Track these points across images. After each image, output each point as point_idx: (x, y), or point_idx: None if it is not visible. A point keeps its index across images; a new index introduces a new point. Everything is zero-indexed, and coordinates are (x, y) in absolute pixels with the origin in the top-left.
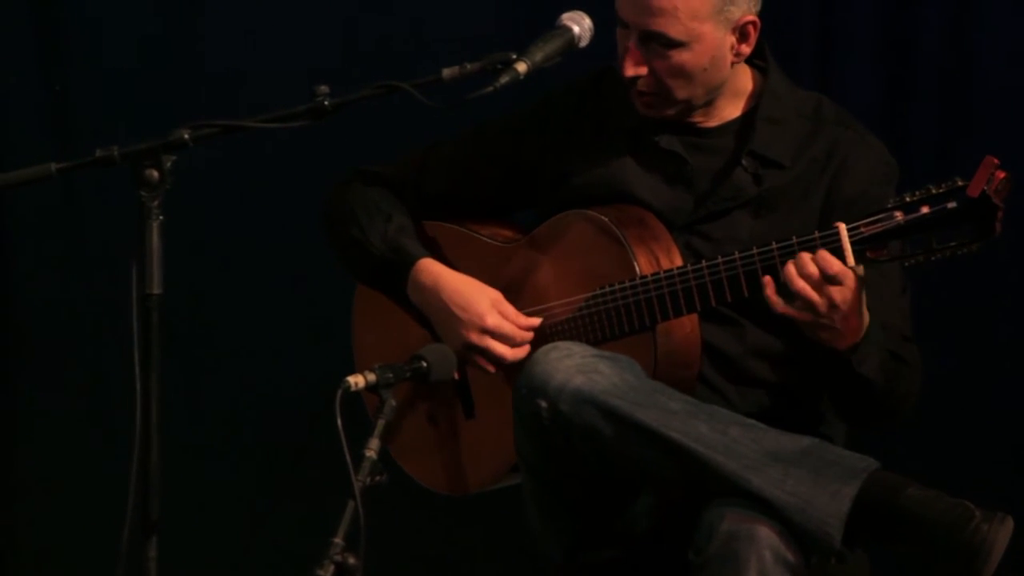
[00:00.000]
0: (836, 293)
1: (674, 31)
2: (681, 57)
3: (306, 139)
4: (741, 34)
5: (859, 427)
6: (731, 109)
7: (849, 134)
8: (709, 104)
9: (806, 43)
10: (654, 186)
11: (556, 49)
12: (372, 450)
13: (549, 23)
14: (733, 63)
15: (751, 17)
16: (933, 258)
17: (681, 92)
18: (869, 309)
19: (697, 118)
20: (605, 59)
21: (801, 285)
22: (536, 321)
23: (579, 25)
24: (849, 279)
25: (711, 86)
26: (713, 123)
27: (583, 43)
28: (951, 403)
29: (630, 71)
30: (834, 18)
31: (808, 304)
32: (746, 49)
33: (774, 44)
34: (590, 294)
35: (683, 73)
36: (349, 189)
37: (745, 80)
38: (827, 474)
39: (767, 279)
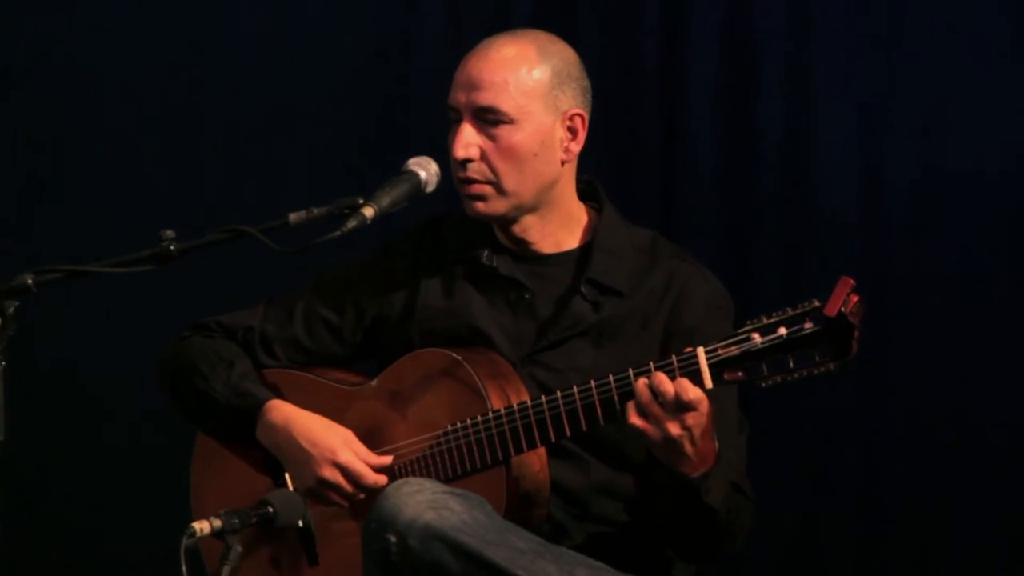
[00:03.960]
0: (690, 418)
1: (504, 105)
2: (511, 137)
3: (155, 282)
4: (570, 129)
5: (692, 561)
6: (568, 237)
7: (685, 266)
8: (539, 217)
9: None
10: (497, 315)
11: (403, 194)
12: None
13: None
14: (564, 161)
15: (579, 110)
16: (791, 379)
17: (511, 180)
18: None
19: (533, 238)
20: (454, 204)
21: (656, 410)
22: (387, 460)
23: (426, 170)
24: (704, 404)
25: (541, 182)
26: (550, 249)
27: (430, 188)
28: (799, 540)
29: (460, 152)
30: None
31: (662, 427)
32: (575, 147)
33: (620, 182)
34: (441, 431)
35: (513, 155)
36: (188, 343)
37: (581, 213)
38: None
39: (630, 404)
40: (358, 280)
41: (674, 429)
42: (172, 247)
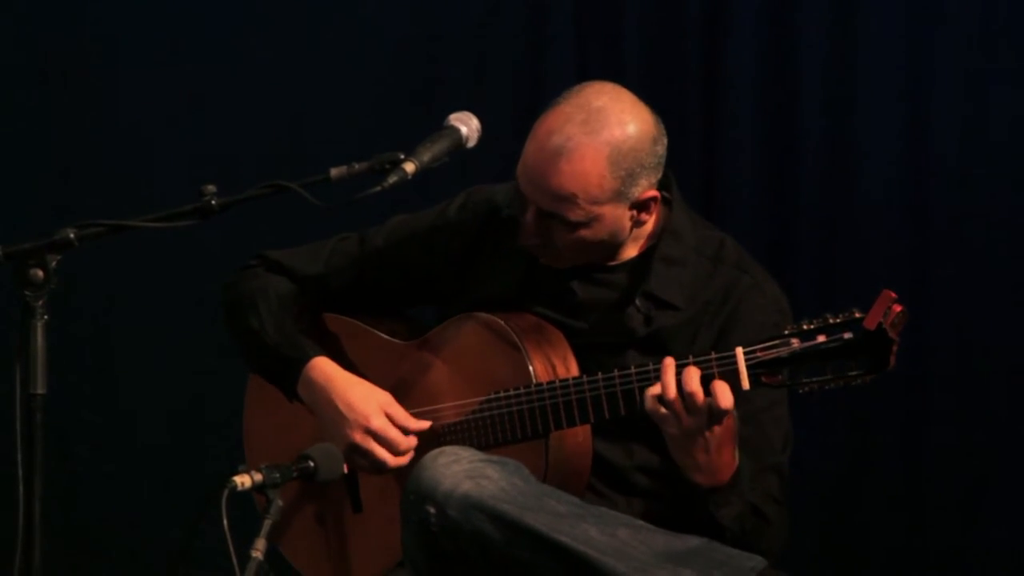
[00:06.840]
0: (710, 422)
1: (573, 215)
2: (580, 234)
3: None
4: (642, 206)
5: None
6: (629, 248)
7: (746, 280)
8: None
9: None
10: (549, 314)
11: (444, 149)
12: (258, 550)
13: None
14: (632, 229)
15: (652, 193)
16: (827, 387)
17: (576, 257)
18: (746, 461)
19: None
20: (492, 160)
21: (675, 402)
22: (424, 424)
23: (467, 126)
24: (725, 417)
25: (609, 251)
26: (611, 261)
27: (471, 144)
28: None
29: (526, 240)
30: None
31: (678, 420)
32: (646, 217)
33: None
34: (484, 398)
35: (581, 246)
36: (252, 276)
37: (648, 222)
38: (715, 574)
39: (651, 390)
40: (422, 240)
41: (688, 424)
42: (213, 202)
